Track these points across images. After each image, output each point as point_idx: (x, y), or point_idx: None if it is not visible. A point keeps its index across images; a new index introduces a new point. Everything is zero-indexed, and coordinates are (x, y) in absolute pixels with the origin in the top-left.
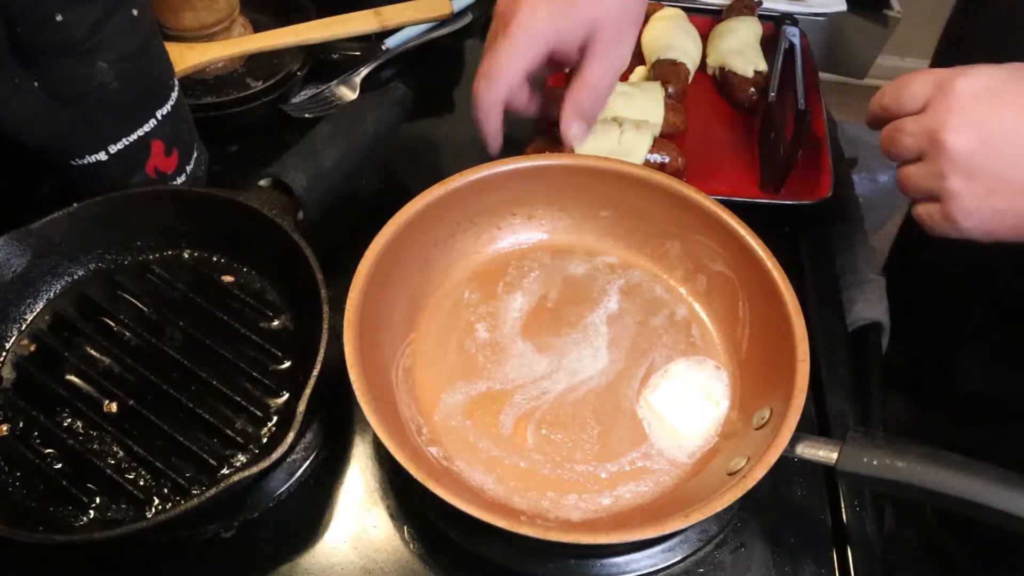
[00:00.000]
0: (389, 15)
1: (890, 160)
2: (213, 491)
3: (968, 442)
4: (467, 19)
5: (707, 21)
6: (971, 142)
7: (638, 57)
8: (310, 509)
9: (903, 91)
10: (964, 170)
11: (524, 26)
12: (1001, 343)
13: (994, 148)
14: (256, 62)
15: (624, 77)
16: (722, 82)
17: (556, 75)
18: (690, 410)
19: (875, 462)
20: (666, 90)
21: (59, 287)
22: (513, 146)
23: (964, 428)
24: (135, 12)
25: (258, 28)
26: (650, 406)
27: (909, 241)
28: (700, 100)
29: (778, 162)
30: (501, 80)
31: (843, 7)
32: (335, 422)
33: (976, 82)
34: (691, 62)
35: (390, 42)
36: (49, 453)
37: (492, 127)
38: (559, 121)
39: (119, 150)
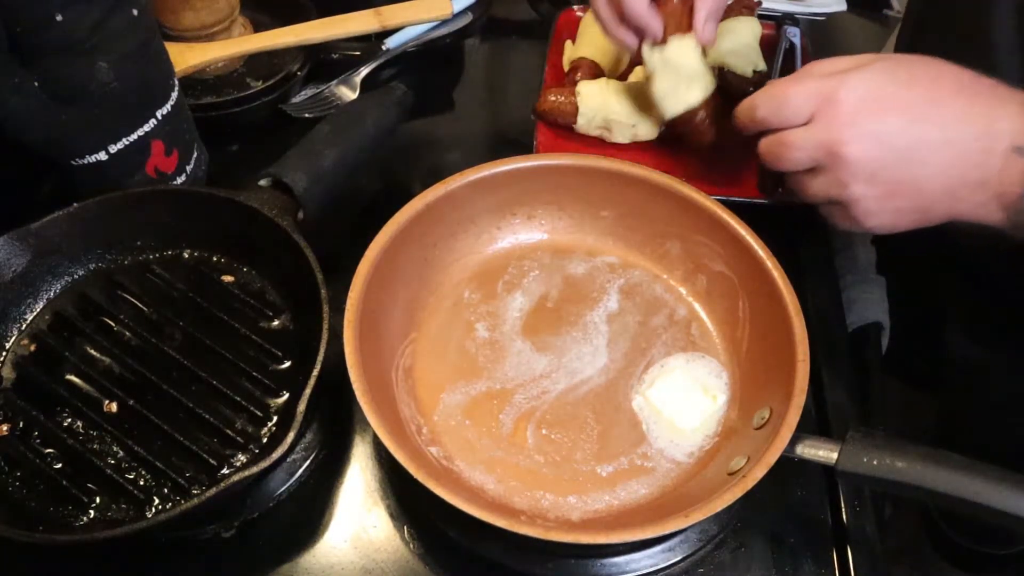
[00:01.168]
0: (389, 15)
1: (771, 168)
2: (213, 491)
3: (958, 421)
4: (467, 19)
5: None
6: (869, 151)
7: (638, 56)
8: (310, 509)
9: (783, 104)
10: (864, 178)
11: None
12: (980, 312)
13: (890, 153)
14: (256, 62)
15: (623, 76)
16: (722, 82)
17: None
18: (687, 404)
19: (875, 462)
20: None
21: (59, 287)
22: (514, 146)
23: (952, 401)
24: (135, 12)
25: (258, 28)
26: (647, 400)
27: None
28: None
29: None
30: None
31: (843, 7)
32: (335, 422)
33: (859, 91)
34: None
35: (390, 42)
36: (49, 453)
37: (641, 9)
38: (694, 23)
39: (119, 150)
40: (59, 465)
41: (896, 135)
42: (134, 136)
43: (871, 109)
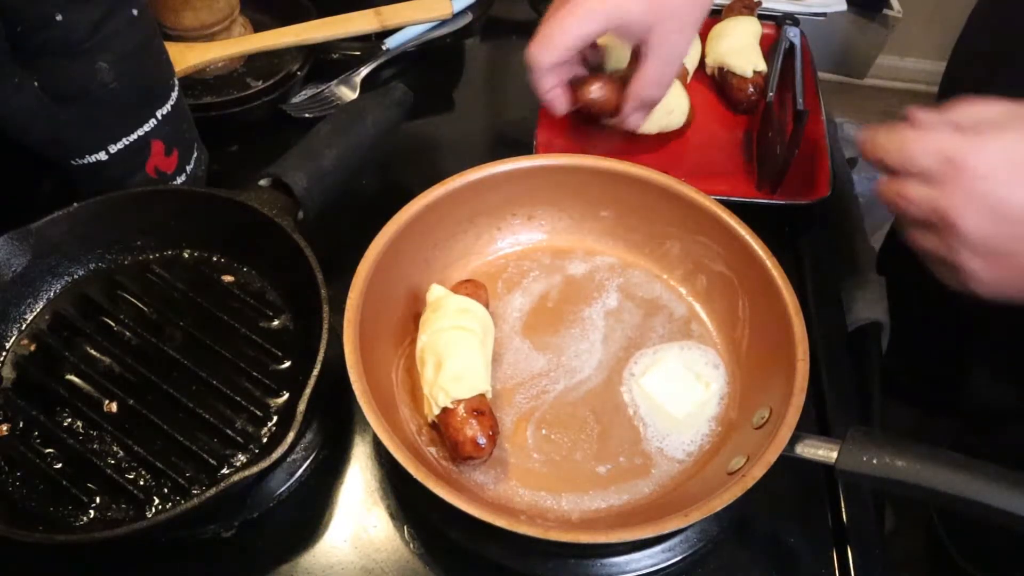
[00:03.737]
0: (389, 15)
1: (892, 212)
2: (213, 491)
3: (971, 443)
4: (467, 19)
5: (706, 21)
6: (982, 225)
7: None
8: (310, 509)
9: (907, 156)
10: (977, 250)
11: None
12: (1006, 353)
13: (1004, 229)
14: (256, 62)
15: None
16: (721, 82)
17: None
18: (679, 391)
19: (875, 461)
20: None
21: (59, 287)
22: (514, 146)
23: (967, 433)
24: (135, 12)
25: (258, 28)
26: (640, 387)
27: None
28: (699, 100)
29: (775, 162)
30: (558, 45)
31: (843, 7)
32: (335, 422)
33: (989, 159)
34: (690, 62)
35: (390, 42)
36: (49, 453)
37: (545, 87)
38: (621, 110)
39: (119, 150)
40: (59, 465)
41: (1017, 210)
42: (134, 136)
43: (997, 180)
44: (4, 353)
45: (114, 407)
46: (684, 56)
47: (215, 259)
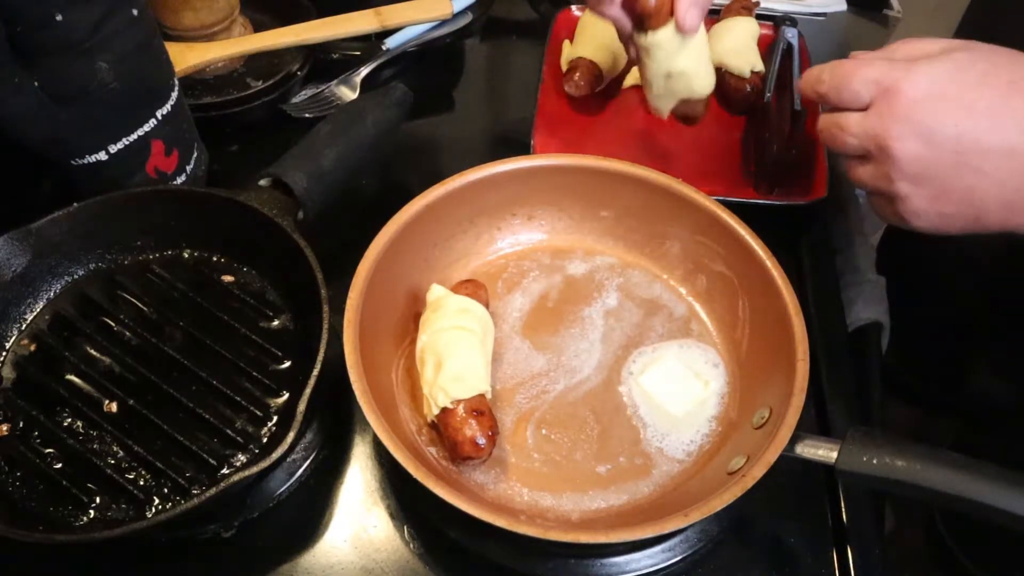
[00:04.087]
0: (389, 15)
1: (828, 148)
2: (213, 491)
3: (972, 443)
4: (467, 19)
5: (705, 21)
6: (916, 149)
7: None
8: (310, 509)
9: (845, 85)
10: (910, 176)
11: None
12: (1006, 351)
13: (938, 155)
14: (256, 62)
15: (621, 77)
16: (719, 82)
17: None
18: (678, 390)
19: (875, 461)
20: None
21: (59, 287)
22: (514, 146)
23: (972, 432)
24: (135, 12)
25: (258, 28)
26: (639, 385)
27: (897, 238)
28: None
29: (772, 162)
30: None
31: (843, 7)
32: (335, 422)
33: (920, 85)
34: None
35: (390, 42)
36: (49, 453)
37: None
38: (676, 8)
39: (119, 150)
40: (59, 465)
41: (949, 138)
42: (134, 136)
43: (929, 106)
44: (4, 353)
45: (114, 407)
46: None
47: (215, 259)
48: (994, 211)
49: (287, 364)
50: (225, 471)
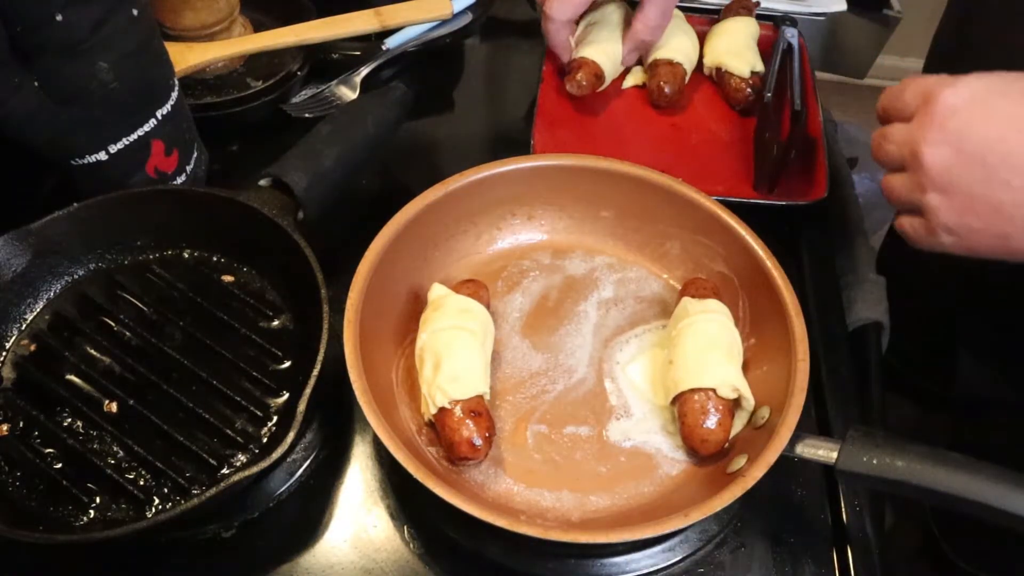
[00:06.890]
0: (389, 15)
1: (879, 166)
2: (213, 491)
3: (969, 439)
4: (467, 19)
5: (705, 21)
6: (946, 158)
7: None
8: (310, 509)
9: (896, 97)
10: (940, 186)
11: None
12: (993, 341)
13: (968, 165)
14: (256, 62)
15: (620, 78)
16: (719, 82)
17: None
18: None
19: (875, 461)
20: (663, 90)
21: (59, 287)
22: (514, 146)
23: (964, 425)
24: (135, 12)
25: (258, 28)
26: (626, 376)
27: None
28: (697, 100)
29: (771, 162)
30: (574, 1)
31: (843, 7)
32: (335, 422)
33: (961, 94)
34: (688, 62)
35: (390, 42)
36: (49, 453)
37: (560, 40)
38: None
39: (119, 150)
40: (59, 465)
41: (979, 146)
42: (134, 136)
43: (964, 114)
44: (4, 353)
45: (114, 407)
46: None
47: (215, 259)
48: (1021, 229)
49: (287, 364)
50: (225, 471)
